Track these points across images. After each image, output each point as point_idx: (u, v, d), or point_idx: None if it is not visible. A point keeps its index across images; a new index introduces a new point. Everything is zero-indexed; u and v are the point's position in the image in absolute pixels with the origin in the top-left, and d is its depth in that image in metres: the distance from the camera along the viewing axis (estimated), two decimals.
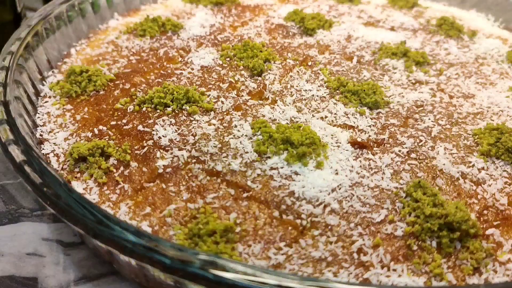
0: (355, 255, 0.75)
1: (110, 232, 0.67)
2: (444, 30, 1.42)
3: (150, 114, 1.01)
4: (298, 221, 0.80)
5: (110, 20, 1.46)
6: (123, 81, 1.12)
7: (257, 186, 0.85)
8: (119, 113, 1.02)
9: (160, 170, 0.88)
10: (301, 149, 0.88)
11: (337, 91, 1.09)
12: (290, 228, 0.79)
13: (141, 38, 1.30)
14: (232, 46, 1.24)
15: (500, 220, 0.82)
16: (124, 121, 1.00)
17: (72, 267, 0.88)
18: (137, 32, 1.33)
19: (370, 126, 0.99)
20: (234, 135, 0.95)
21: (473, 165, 0.91)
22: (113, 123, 1.00)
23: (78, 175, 0.89)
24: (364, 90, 1.05)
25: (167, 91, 1.04)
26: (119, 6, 1.53)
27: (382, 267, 0.74)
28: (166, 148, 0.93)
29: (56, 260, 0.89)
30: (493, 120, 1.05)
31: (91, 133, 0.98)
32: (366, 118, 1.01)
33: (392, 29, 1.43)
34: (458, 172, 0.89)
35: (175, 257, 0.63)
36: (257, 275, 0.62)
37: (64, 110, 1.05)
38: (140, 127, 0.97)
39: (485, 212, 0.83)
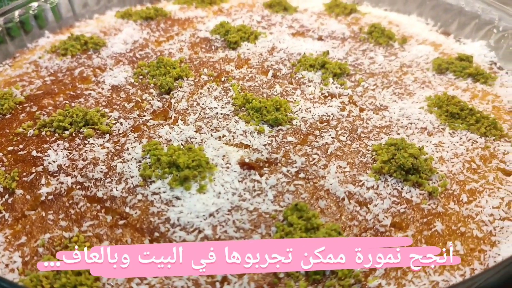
0: (218, 284, 0.73)
1: None
2: (374, 38, 1.39)
3: (48, 138, 1.00)
4: None
5: (40, 38, 1.46)
6: (32, 103, 1.12)
7: (135, 213, 0.84)
8: (19, 138, 1.02)
9: (43, 198, 0.88)
10: (183, 173, 0.87)
11: (243, 108, 1.07)
12: None
13: (62, 57, 1.30)
14: (148, 63, 1.23)
15: None
16: (21, 146, 0.99)
17: None
18: (60, 51, 1.32)
19: (265, 145, 0.97)
20: (123, 159, 0.94)
21: (363, 184, 0.89)
22: (10, 148, 0.99)
23: None
24: (266, 107, 1.03)
25: (67, 114, 1.03)
26: (54, 24, 1.54)
27: None
28: (54, 174, 0.92)
29: None
30: (399, 134, 1.02)
31: None
32: (265, 136, 0.99)
33: (320, 38, 1.40)
34: (344, 192, 0.87)
35: None
36: None
37: None
38: (34, 153, 0.97)
39: (364, 235, 0.81)
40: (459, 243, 0.81)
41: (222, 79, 1.18)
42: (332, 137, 0.99)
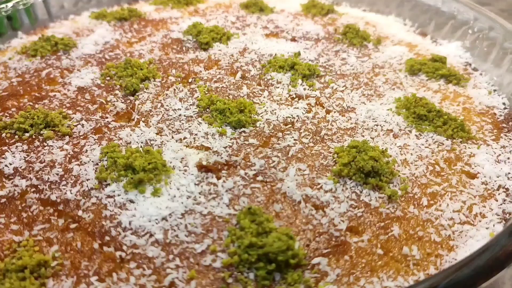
0: None
1: None
2: (349, 39, 1.37)
3: (7, 141, 0.99)
4: (118, 253, 0.77)
5: (13, 39, 1.45)
6: None
7: (88, 216, 0.83)
8: None
9: None
10: (137, 176, 0.85)
11: (207, 109, 1.06)
12: (108, 260, 0.76)
13: (32, 59, 1.29)
14: (116, 64, 1.22)
15: (331, 248, 0.78)
16: None
17: None
18: (30, 52, 1.31)
19: (226, 147, 0.95)
20: (80, 161, 0.93)
21: (321, 187, 0.87)
22: None
23: None
24: (229, 109, 1.02)
25: (29, 115, 1.02)
26: (29, 26, 1.53)
27: None
28: (10, 177, 0.91)
29: None
30: (363, 136, 1.01)
31: None
32: (226, 138, 0.98)
33: (294, 39, 1.39)
34: (301, 196, 0.85)
35: None
36: None
37: None
38: None
39: (318, 239, 0.79)
40: (415, 247, 0.79)
41: (190, 80, 1.17)
42: (294, 139, 0.98)
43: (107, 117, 1.05)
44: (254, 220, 0.79)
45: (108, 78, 1.18)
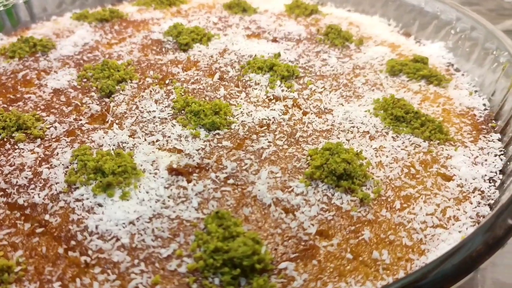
0: None
1: None
2: (331, 39, 1.36)
3: None
4: (83, 258, 0.76)
5: None
6: None
7: (55, 220, 0.82)
8: None
9: None
10: (106, 180, 0.84)
11: (182, 111, 1.05)
12: (73, 266, 0.75)
13: (9, 60, 1.27)
14: (94, 66, 1.20)
15: (299, 252, 0.76)
16: None
17: None
18: (8, 53, 1.30)
19: (199, 150, 0.94)
20: (50, 164, 0.91)
21: (292, 190, 0.86)
22: None
23: None
24: (204, 111, 1.01)
25: (0, 118, 1.01)
26: (10, 28, 1.52)
27: None
28: None
29: None
30: (339, 138, 0.99)
31: None
32: (200, 140, 0.97)
33: (275, 40, 1.37)
34: (271, 199, 0.84)
35: None
36: None
37: None
38: None
39: (286, 243, 0.78)
40: (386, 252, 0.78)
41: (167, 81, 1.16)
42: (269, 142, 0.97)
43: (81, 120, 1.03)
44: (221, 224, 0.78)
45: (84, 79, 1.17)
